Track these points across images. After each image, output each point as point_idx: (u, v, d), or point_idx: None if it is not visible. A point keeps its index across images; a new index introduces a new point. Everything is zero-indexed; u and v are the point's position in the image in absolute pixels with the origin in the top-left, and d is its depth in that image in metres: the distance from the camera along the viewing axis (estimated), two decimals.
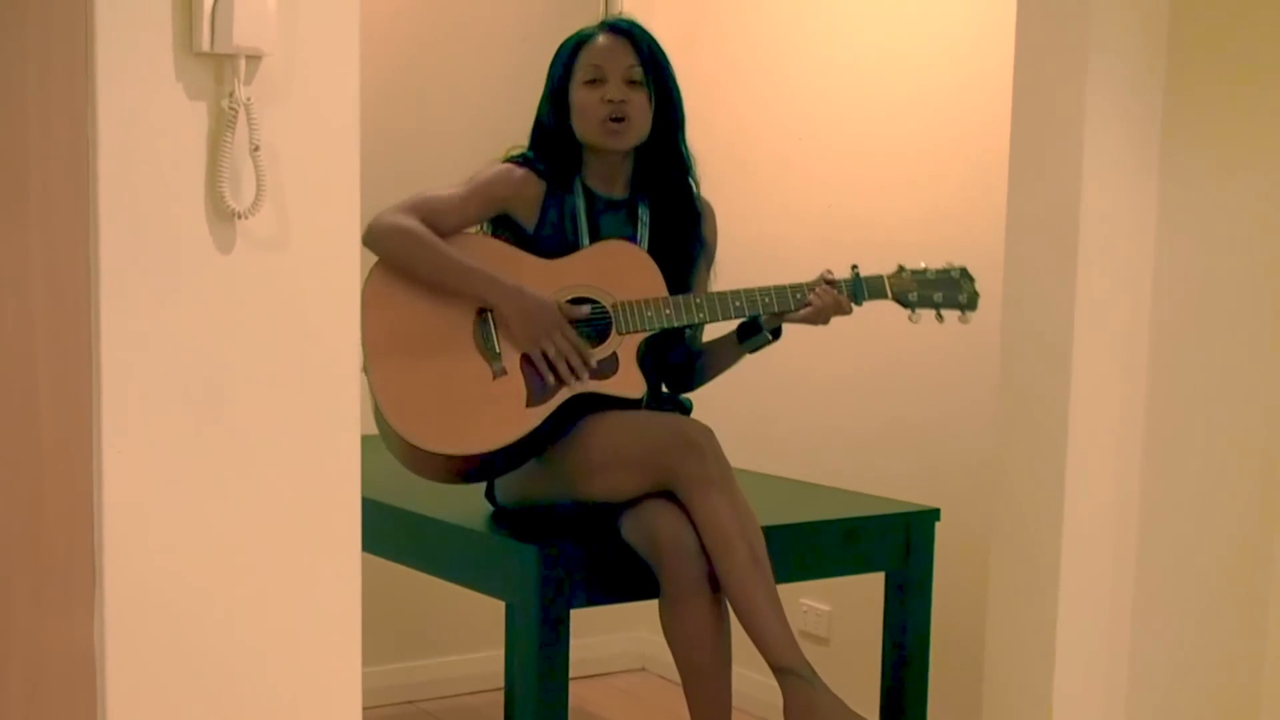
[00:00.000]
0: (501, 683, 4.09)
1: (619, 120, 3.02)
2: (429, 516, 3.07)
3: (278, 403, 1.88)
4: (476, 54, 4.44)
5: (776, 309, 2.99)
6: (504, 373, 2.90)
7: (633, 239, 3.07)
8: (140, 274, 1.78)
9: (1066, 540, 2.84)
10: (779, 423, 4.32)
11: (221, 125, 1.80)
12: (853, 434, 4.10)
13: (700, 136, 3.18)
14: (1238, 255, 2.78)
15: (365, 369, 2.81)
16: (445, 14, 4.40)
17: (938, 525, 3.16)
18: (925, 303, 3.04)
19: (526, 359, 2.90)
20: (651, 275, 3.00)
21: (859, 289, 3.01)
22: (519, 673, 2.85)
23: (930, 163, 3.89)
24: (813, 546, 3.09)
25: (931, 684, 3.21)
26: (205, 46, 1.78)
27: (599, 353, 2.93)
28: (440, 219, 2.99)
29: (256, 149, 1.82)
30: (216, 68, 1.80)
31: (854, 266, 3.03)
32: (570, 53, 3.09)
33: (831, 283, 2.99)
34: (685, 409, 3.14)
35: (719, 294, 2.99)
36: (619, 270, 2.99)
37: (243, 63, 1.80)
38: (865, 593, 3.49)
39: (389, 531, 3.10)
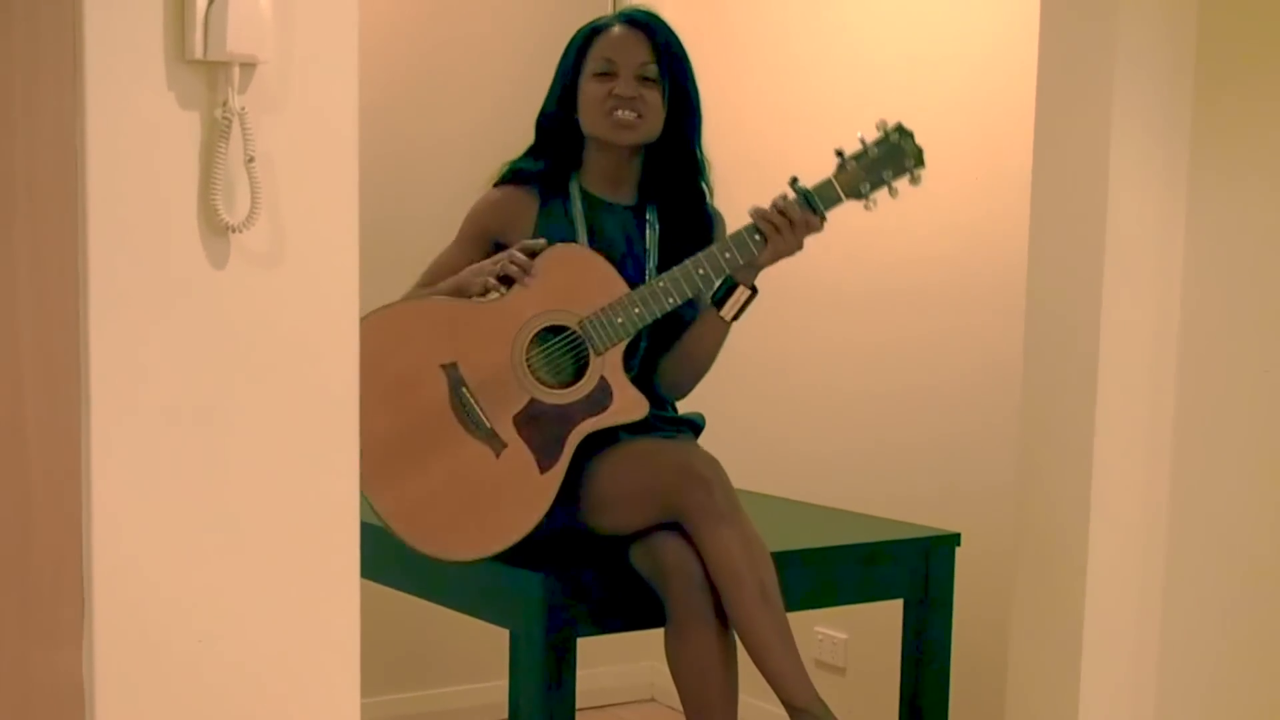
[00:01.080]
0: (505, 714, 4.07)
1: (630, 115, 2.95)
2: None
3: (273, 425, 1.87)
4: (480, 61, 4.44)
5: (741, 260, 2.89)
6: (504, 445, 2.80)
7: (638, 244, 3.03)
8: (130, 290, 1.76)
9: (1092, 565, 2.83)
10: (793, 444, 4.31)
11: (215, 135, 1.79)
12: (869, 455, 4.08)
13: (707, 140, 3.14)
14: (1269, 272, 2.77)
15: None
16: (448, 19, 4.40)
17: (958, 550, 3.14)
18: (878, 185, 2.93)
19: (518, 421, 2.81)
20: (605, 274, 2.88)
21: (812, 201, 2.90)
22: (523, 704, 2.84)
23: (951, 173, 3.88)
24: (828, 573, 3.07)
25: (952, 716, 3.19)
26: (198, 53, 1.76)
27: (585, 385, 2.84)
28: (445, 276, 3.00)
29: (251, 160, 1.81)
30: (209, 75, 1.79)
31: (792, 179, 2.93)
32: (583, 42, 3.04)
33: (782, 209, 2.89)
34: (697, 426, 3.12)
35: (680, 269, 2.87)
36: (572, 282, 2.88)
37: (237, 70, 1.79)
38: (883, 620, 3.47)
39: (389, 557, 3.09)
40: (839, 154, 2.95)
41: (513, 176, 3.07)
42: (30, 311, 1.76)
